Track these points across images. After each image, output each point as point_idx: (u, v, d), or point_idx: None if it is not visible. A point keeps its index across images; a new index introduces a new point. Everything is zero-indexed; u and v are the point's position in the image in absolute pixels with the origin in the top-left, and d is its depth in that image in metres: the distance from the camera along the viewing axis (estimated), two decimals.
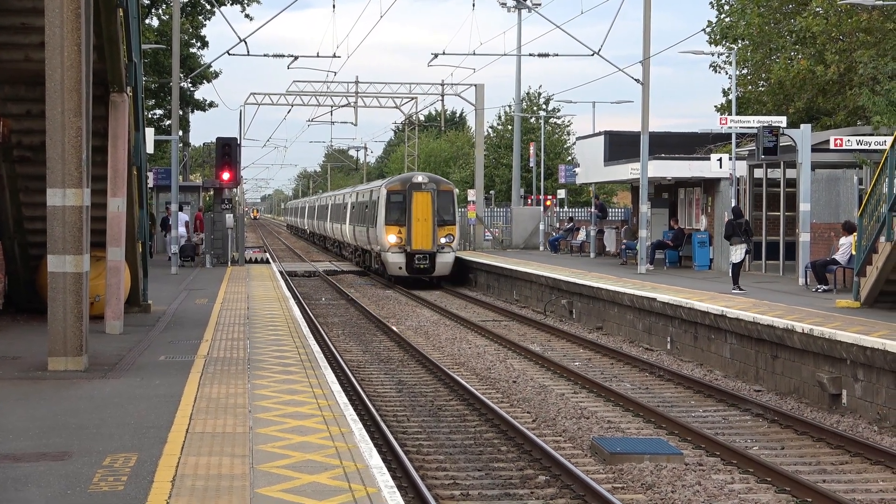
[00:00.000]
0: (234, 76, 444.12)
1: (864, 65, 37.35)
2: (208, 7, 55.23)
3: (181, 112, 49.00)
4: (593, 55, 37.27)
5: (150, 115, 53.80)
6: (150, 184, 43.17)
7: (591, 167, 46.49)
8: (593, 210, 48.07)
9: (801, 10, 41.72)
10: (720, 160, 35.00)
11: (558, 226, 57.61)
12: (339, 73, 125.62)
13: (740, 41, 43.90)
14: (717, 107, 48.45)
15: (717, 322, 22.71)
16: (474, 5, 58.66)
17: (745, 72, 45.54)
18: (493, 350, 25.69)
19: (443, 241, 43.06)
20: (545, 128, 73.81)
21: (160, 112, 56.69)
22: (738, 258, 27.60)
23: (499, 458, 14.85)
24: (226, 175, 38.24)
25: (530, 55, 52.99)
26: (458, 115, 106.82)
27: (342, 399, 12.96)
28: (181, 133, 49.73)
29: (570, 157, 79.48)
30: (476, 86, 56.87)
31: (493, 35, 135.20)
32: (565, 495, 13.04)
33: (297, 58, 47.72)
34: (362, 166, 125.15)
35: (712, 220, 37.22)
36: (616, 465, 14.33)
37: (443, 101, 62.66)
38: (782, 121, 30.91)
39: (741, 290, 26.69)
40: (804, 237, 28.49)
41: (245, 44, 40.07)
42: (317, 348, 17.55)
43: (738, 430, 16.90)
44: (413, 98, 63.12)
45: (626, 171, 40.65)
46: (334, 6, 47.04)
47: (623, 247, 41.42)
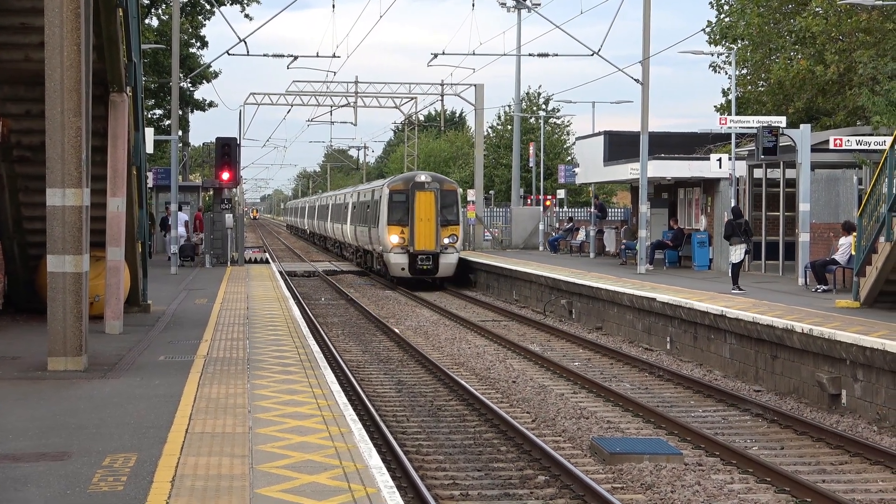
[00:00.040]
0: (234, 76, 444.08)
1: (864, 65, 37.37)
2: (208, 7, 55.26)
3: (181, 112, 49.04)
4: (593, 55, 37.28)
5: (149, 115, 53.83)
6: (150, 184, 43.18)
7: (591, 167, 46.45)
8: (593, 210, 48.03)
9: (801, 10, 41.74)
10: (720, 160, 35.01)
11: (558, 226, 57.57)
12: (338, 73, 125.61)
13: (740, 41, 43.92)
14: (716, 107, 48.47)
15: (717, 322, 22.71)
16: (474, 5, 58.55)
17: (745, 72, 45.56)
18: (492, 350, 25.68)
19: (446, 242, 42.38)
20: (545, 128, 73.86)
21: (160, 112, 56.71)
22: (737, 258, 27.60)
23: (498, 459, 14.84)
24: (225, 175, 38.24)
25: (530, 55, 52.97)
26: (458, 115, 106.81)
27: (342, 399, 12.95)
28: (181, 133, 49.73)
29: (569, 157, 79.51)
30: (476, 86, 56.85)
31: (493, 35, 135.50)
32: (565, 495, 13.04)
33: (296, 58, 47.71)
34: (362, 166, 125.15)
35: (712, 221, 37.21)
36: (615, 465, 14.33)
37: (442, 101, 62.69)
38: (782, 121, 30.93)
39: (741, 290, 26.69)
40: (804, 237, 28.49)
41: (245, 44, 40.06)
42: (316, 348, 17.54)
43: (738, 430, 16.90)
44: (413, 98, 63.11)
45: (625, 171, 40.63)
46: (334, 6, 46.86)
47: (623, 247, 41.41)
